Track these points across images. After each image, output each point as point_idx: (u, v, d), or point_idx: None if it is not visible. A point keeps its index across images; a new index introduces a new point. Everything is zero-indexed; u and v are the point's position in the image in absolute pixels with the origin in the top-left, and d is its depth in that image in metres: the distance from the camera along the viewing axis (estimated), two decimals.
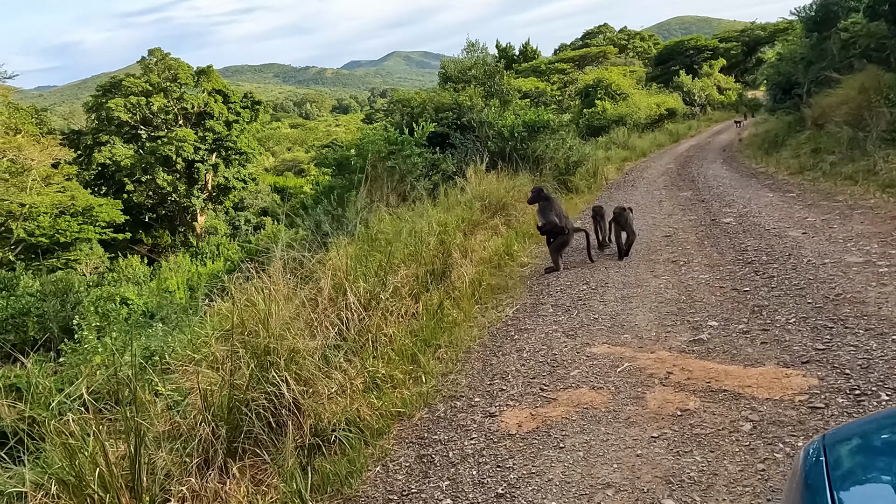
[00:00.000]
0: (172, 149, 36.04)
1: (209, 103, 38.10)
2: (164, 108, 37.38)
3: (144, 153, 36.42)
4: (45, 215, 31.00)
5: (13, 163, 28.43)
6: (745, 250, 8.44)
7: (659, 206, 13.23)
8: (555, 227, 8.57)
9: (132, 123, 36.80)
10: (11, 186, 29.11)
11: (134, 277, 33.76)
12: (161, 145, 36.15)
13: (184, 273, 31.53)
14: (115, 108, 35.60)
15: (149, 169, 36.34)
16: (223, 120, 38.43)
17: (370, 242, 9.50)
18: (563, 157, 16.75)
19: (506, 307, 7.47)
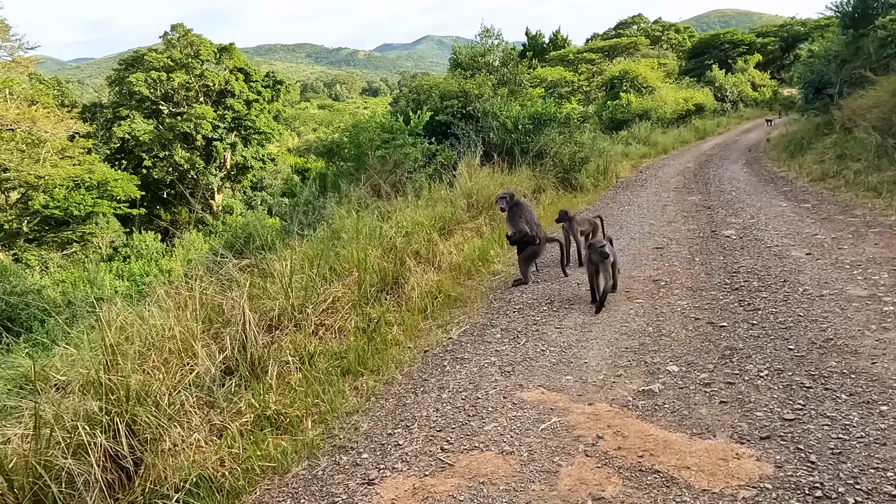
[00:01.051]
0: (191, 125, 35.58)
1: (230, 81, 37.51)
2: (186, 85, 36.90)
3: (164, 129, 36.02)
4: (60, 188, 30.81)
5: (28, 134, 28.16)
6: (736, 272, 7.40)
7: (662, 211, 12.15)
8: (525, 235, 7.62)
9: (153, 99, 36.39)
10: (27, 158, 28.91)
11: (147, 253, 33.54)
12: (180, 122, 35.71)
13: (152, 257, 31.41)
14: (135, 83, 35.20)
15: (167, 145, 35.97)
16: (243, 99, 37.82)
17: (328, 242, 8.69)
18: (569, 153, 15.66)
19: (454, 327, 6.56)
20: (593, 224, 8.67)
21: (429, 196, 11.30)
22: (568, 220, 8.34)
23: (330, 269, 7.58)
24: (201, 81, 37.16)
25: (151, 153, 35.82)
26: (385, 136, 14.45)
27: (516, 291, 7.53)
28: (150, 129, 35.70)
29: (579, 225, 8.43)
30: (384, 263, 7.58)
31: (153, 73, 35.60)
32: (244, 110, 37.42)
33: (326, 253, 8.02)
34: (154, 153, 35.82)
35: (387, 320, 6.65)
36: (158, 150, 35.84)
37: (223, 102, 37.68)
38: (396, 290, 7.44)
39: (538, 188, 13.70)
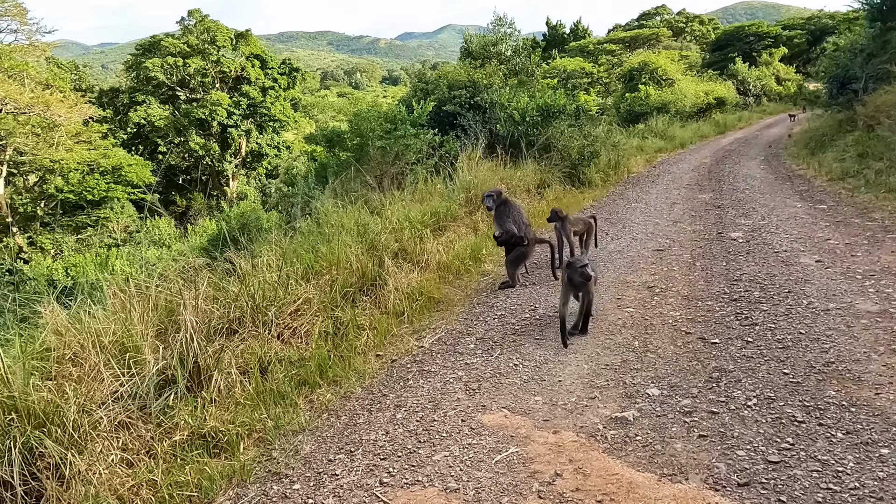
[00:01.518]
0: (206, 112, 35.36)
1: (246, 68, 37.21)
2: (202, 71, 36.67)
3: (179, 115, 35.85)
4: (74, 172, 30.77)
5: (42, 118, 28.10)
6: (737, 280, 6.85)
7: (669, 209, 11.56)
8: (512, 236, 7.13)
9: (169, 84, 36.23)
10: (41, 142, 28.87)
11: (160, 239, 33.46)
12: (195, 108, 35.51)
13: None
14: (151, 69, 35.04)
15: (182, 131, 35.81)
16: (259, 85, 37.52)
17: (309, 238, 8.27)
18: (577, 147, 15.07)
19: (428, 334, 6.11)
20: (587, 224, 8.15)
21: (424, 189, 10.82)
22: (560, 219, 7.83)
23: (307, 267, 7.16)
24: (217, 68, 36.90)
25: (167, 139, 35.68)
26: (387, 127, 13.99)
27: (501, 295, 7.05)
28: (165, 114, 35.53)
29: (572, 225, 7.92)
30: (364, 262, 7.13)
31: (169, 59, 35.41)
32: (259, 97, 37.12)
33: (304, 250, 7.61)
34: (169, 139, 35.68)
35: (359, 324, 6.22)
36: (174, 136, 35.70)
37: (239, 89, 37.41)
38: (375, 292, 7.00)
39: (543, 183, 13.17)
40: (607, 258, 8.29)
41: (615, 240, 9.35)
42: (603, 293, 6.80)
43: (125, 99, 35.59)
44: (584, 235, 8.13)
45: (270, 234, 8.37)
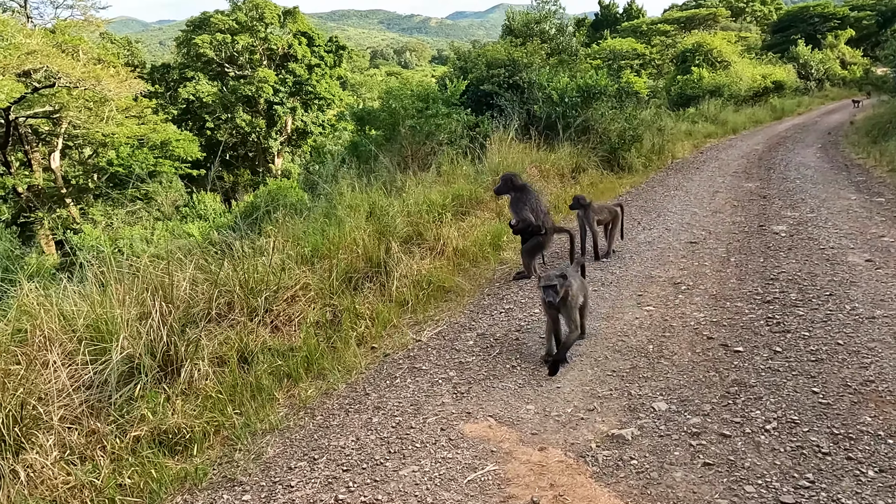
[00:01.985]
0: (253, 89, 35.45)
1: (293, 45, 37.12)
2: (250, 48, 36.73)
3: (227, 91, 36.05)
4: (125, 146, 31.26)
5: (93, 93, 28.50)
6: (774, 279, 6.20)
7: (711, 198, 10.82)
8: (529, 225, 6.61)
9: (218, 61, 36.42)
10: (93, 116, 29.35)
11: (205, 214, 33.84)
12: (242, 85, 35.63)
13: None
14: (201, 45, 35.25)
15: (229, 108, 36.02)
16: (305, 63, 37.41)
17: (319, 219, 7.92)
18: (618, 130, 14.34)
19: (430, 326, 5.69)
20: (613, 213, 7.56)
21: (450, 171, 10.35)
22: (583, 207, 7.27)
23: (312, 250, 6.81)
24: (265, 45, 36.91)
25: (214, 115, 35.95)
26: (419, 105, 13.53)
27: (514, 287, 6.56)
28: (213, 90, 35.77)
29: (596, 213, 7.35)
30: (370, 247, 6.73)
31: (218, 36, 35.56)
32: (305, 75, 37.01)
33: (314, 231, 7.26)
34: (216, 115, 35.93)
35: (358, 313, 5.84)
36: (221, 112, 35.93)
37: (286, 67, 37.38)
38: (381, 278, 6.60)
39: (578, 167, 12.53)
40: (635, 249, 7.70)
41: (647, 230, 8.73)
42: (624, 289, 6.25)
43: (175, 75, 35.93)
44: (609, 225, 7.56)
45: (279, 213, 8.07)
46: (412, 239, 7.85)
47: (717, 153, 17.75)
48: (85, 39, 29.78)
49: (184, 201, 35.52)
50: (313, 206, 8.71)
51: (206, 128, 36.30)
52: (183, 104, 36.40)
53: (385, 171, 12.03)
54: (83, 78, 28.08)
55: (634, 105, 18.56)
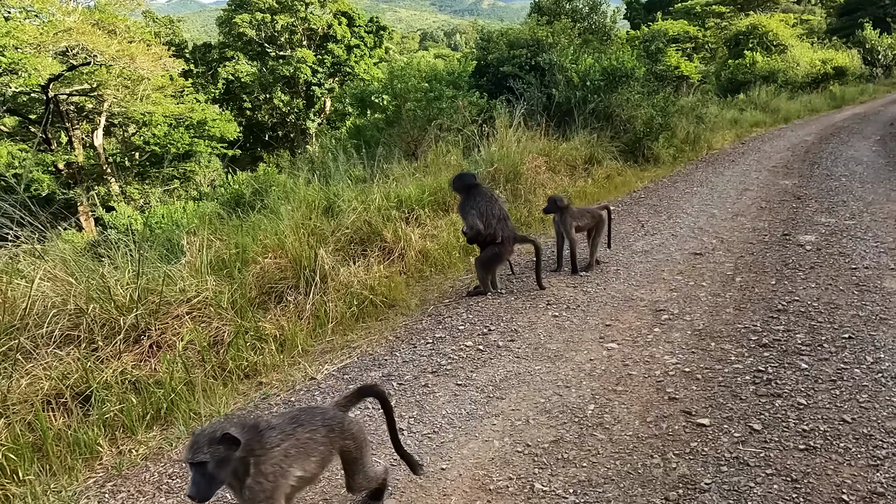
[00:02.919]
0: (291, 69, 34.74)
1: (333, 25, 36.20)
2: (290, 28, 35.99)
3: (266, 72, 35.46)
4: (162, 125, 31.04)
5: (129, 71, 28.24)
6: (782, 310, 4.88)
7: (737, 197, 9.37)
8: (478, 234, 5.43)
9: (258, 41, 35.83)
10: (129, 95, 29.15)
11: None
12: (281, 65, 34.96)
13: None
14: (240, 24, 34.68)
15: (268, 88, 35.44)
16: (345, 44, 36.45)
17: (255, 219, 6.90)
18: (644, 117, 12.87)
19: (338, 357, 4.60)
20: (596, 218, 6.28)
21: (439, 162, 9.19)
22: (558, 210, 6.03)
23: (237, 254, 5.80)
24: (305, 25, 36.09)
25: (252, 95, 35.44)
26: (424, 87, 12.38)
27: (462, 307, 5.40)
28: (252, 70, 35.23)
29: (575, 218, 6.09)
30: (300, 250, 5.66)
31: (258, 15, 34.89)
32: (344, 56, 36.07)
33: (244, 232, 6.25)
34: (254, 95, 35.42)
35: (262, 335, 4.81)
36: (259, 93, 35.39)
37: (325, 47, 36.52)
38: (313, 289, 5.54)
39: (591, 158, 11.17)
40: (625, 261, 6.43)
41: (649, 235, 7.42)
42: (591, 314, 5.03)
43: (215, 55, 35.51)
44: (591, 232, 6.29)
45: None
46: (369, 240, 6.77)
47: (760, 144, 16.02)
48: (123, 17, 29.51)
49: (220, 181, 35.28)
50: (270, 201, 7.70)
51: (244, 108, 35.85)
52: (223, 84, 36.00)
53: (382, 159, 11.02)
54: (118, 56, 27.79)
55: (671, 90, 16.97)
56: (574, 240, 6.07)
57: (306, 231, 5.92)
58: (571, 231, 6.02)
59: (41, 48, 24.95)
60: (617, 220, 8.31)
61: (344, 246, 6.56)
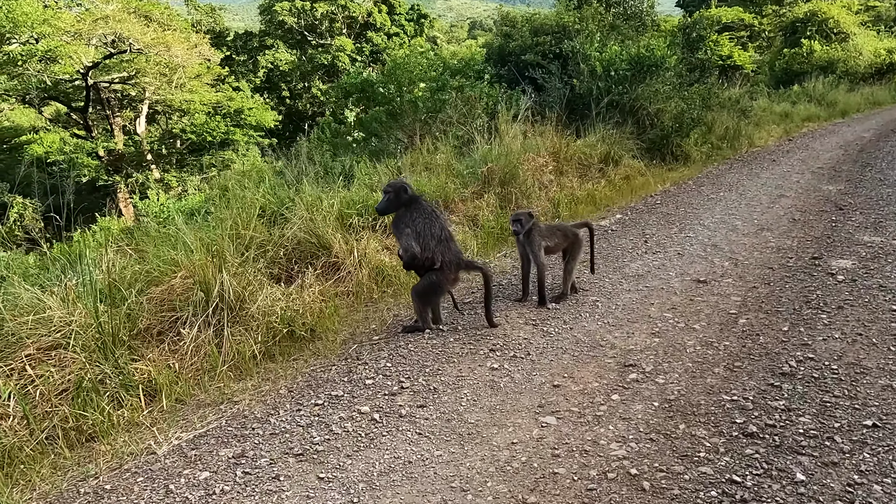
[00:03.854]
0: (329, 58, 34.01)
1: (373, 13, 35.27)
2: (330, 16, 35.24)
3: (305, 60, 34.86)
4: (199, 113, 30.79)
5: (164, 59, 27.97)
6: (789, 374, 3.66)
7: (768, 206, 8.01)
8: (414, 258, 4.36)
9: (297, 29, 35.21)
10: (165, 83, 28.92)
11: None
12: (319, 54, 34.28)
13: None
14: (280, 12, 34.09)
15: (306, 76, 34.85)
16: (385, 32, 35.49)
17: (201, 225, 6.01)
18: (674, 111, 11.49)
19: (208, 417, 3.63)
20: (570, 238, 5.10)
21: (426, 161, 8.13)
22: (523, 229, 4.87)
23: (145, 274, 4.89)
24: (345, 13, 35.28)
25: (290, 83, 34.92)
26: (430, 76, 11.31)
27: (387, 348, 4.33)
28: (291, 59, 34.69)
29: (544, 237, 4.94)
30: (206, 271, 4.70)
31: (298, 2, 34.23)
32: (384, 44, 35.11)
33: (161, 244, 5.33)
34: (293, 83, 34.88)
35: (128, 383, 3.88)
36: (297, 81, 34.83)
37: (365, 35, 35.66)
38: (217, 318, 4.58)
39: (607, 156, 9.89)
40: (609, 289, 5.25)
41: (650, 252, 6.20)
42: (540, 369, 3.91)
43: (255, 43, 35.07)
44: (567, 253, 5.13)
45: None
46: (313, 255, 5.79)
47: (809, 141, 14.37)
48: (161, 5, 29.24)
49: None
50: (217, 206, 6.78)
51: (284, 97, 35.38)
52: (265, 73, 35.58)
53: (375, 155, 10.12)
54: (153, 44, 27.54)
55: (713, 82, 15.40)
56: (543, 264, 4.91)
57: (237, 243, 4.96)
58: (540, 254, 4.87)
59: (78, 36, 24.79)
60: (620, 231, 7.10)
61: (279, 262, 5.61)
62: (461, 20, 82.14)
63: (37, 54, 23.05)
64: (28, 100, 27.65)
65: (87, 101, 26.95)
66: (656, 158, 11.12)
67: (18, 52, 23.21)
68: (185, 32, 28.69)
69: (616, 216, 7.85)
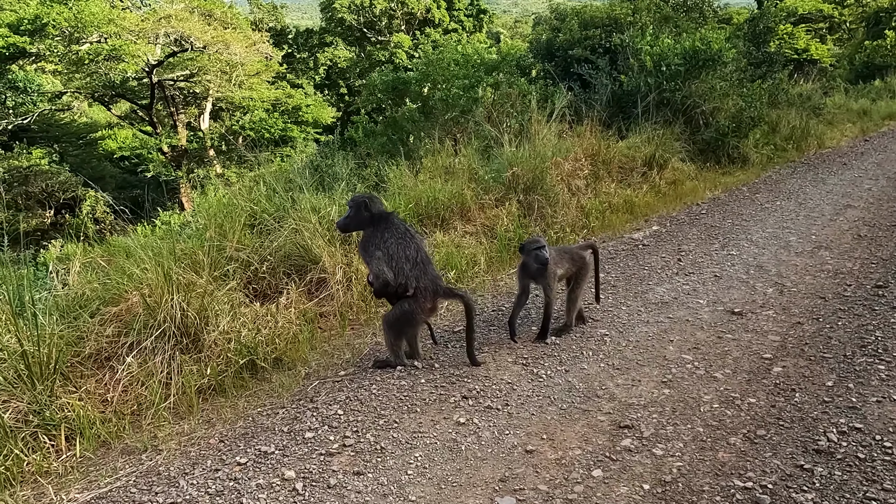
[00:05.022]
0: (386, 54, 33.73)
1: (431, 9, 34.76)
2: (388, 12, 34.95)
3: (363, 57, 34.72)
4: (259, 110, 31.08)
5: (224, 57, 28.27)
6: (825, 452, 2.85)
7: (830, 219, 7.00)
8: (386, 285, 3.74)
9: (357, 26, 35.08)
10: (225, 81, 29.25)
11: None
12: (377, 50, 34.06)
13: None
14: (339, 9, 34.01)
15: (364, 73, 34.69)
16: (443, 28, 34.93)
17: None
18: (733, 109, 10.44)
19: (132, 467, 3.12)
20: (577, 262, 4.28)
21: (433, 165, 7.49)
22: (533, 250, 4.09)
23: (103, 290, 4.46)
24: (403, 9, 34.90)
25: (348, 80, 34.86)
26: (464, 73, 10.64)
27: (348, 388, 3.70)
28: (349, 55, 34.62)
29: (557, 265, 4.17)
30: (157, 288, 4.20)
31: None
32: (441, 40, 34.55)
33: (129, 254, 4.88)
34: (351, 80, 34.79)
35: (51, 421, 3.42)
36: (355, 78, 34.72)
37: (423, 31, 35.21)
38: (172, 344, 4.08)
39: (652, 159, 8.98)
40: (627, 320, 4.47)
41: (682, 274, 5.37)
42: (520, 423, 3.22)
43: (315, 40, 35.16)
44: (571, 281, 4.38)
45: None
46: (300, 270, 5.25)
47: (889, 142, 12.97)
48: (223, 3, 29.57)
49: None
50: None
51: (342, 94, 35.36)
52: (324, 70, 35.66)
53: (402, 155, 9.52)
54: (213, 42, 27.86)
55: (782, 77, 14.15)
56: (552, 300, 4.16)
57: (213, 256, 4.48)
58: (555, 286, 4.14)
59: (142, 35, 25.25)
60: (653, 246, 6.29)
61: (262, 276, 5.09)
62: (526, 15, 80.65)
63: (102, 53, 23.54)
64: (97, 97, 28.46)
65: (151, 99, 27.48)
66: (710, 161, 10.12)
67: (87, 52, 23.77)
68: (244, 30, 28.93)
69: (653, 227, 7.00)
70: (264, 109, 31.67)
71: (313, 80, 35.58)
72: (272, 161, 34.31)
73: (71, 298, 4.41)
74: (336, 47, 34.59)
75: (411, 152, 9.82)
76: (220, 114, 32.83)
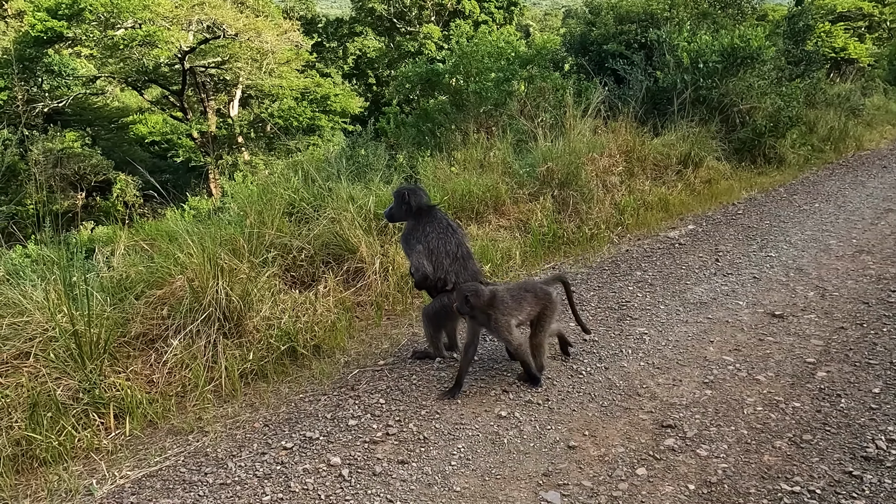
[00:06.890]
0: (416, 45, 33.69)
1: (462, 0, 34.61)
2: (419, 3, 34.88)
3: (392, 47, 34.73)
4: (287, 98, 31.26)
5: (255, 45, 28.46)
6: (873, 459, 2.82)
7: (871, 222, 6.88)
8: (426, 279, 3.76)
9: (387, 16, 35.08)
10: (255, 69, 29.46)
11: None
12: (406, 41, 34.03)
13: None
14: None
15: (393, 64, 34.71)
16: (473, 19, 34.76)
17: None
18: (770, 108, 10.29)
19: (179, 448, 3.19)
20: (542, 299, 3.63)
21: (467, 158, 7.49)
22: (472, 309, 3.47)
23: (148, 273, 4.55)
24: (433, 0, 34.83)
25: (377, 70, 34.90)
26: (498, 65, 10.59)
27: (389, 378, 3.76)
28: (379, 46, 34.65)
29: (512, 312, 3.47)
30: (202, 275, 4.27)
31: None
32: (470, 32, 34.43)
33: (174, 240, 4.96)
34: (379, 70, 34.83)
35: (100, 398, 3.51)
36: (384, 69, 34.76)
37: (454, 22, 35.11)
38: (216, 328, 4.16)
39: (687, 157, 8.89)
40: (665, 319, 4.45)
41: (717, 276, 5.33)
42: (562, 418, 3.24)
43: (345, 30, 35.22)
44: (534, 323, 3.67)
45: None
46: (338, 259, 5.31)
47: None
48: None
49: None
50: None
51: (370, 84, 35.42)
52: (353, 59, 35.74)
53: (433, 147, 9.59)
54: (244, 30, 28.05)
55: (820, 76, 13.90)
56: (520, 342, 3.58)
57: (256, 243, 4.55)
58: (514, 334, 3.54)
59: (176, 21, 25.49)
60: (689, 245, 6.24)
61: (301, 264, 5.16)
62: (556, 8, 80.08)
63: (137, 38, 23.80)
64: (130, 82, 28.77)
65: (183, 85, 27.76)
66: (745, 160, 9.99)
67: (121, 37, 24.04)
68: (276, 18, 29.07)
69: (688, 226, 6.95)
70: (293, 98, 31.80)
71: (342, 69, 35.68)
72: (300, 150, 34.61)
73: (116, 281, 4.51)
74: (366, 37, 34.63)
75: (441, 144, 9.83)
76: (248, 101, 33.04)
